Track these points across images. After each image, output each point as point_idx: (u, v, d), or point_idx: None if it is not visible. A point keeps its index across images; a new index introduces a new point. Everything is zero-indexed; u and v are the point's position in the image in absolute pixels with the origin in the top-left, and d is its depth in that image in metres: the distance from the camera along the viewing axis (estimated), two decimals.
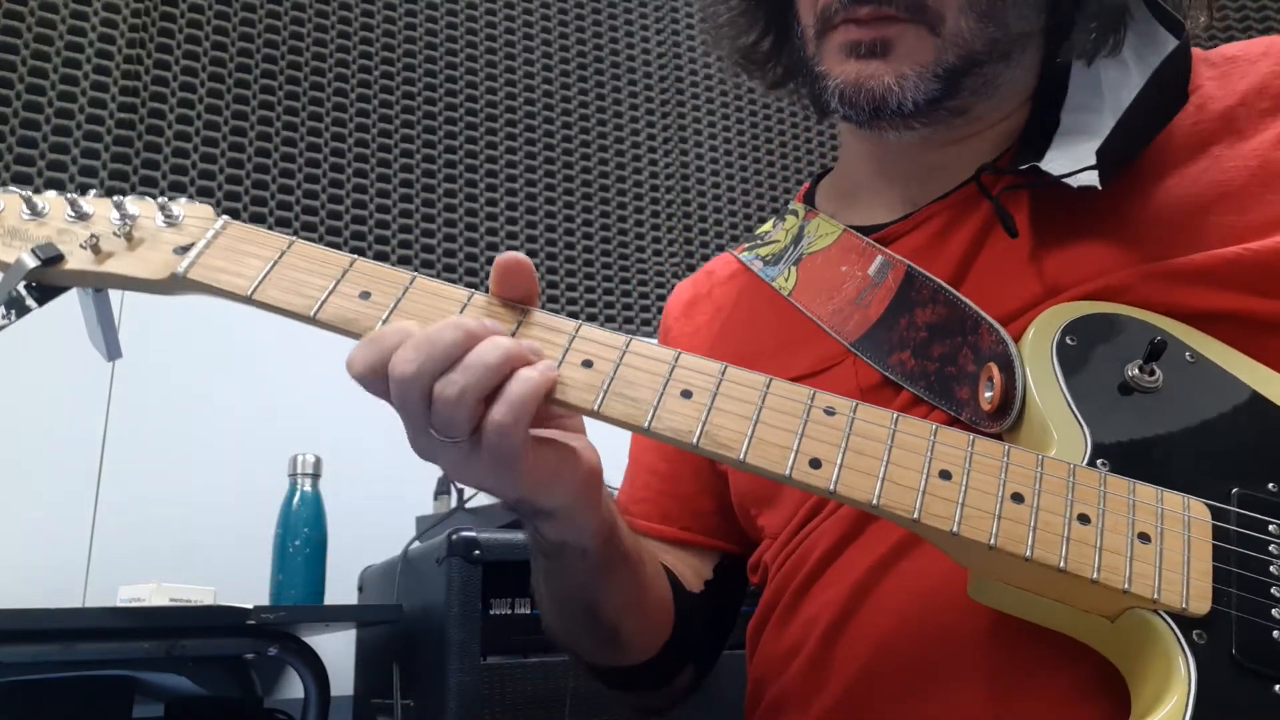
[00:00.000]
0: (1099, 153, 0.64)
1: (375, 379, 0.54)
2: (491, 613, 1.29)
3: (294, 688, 1.47)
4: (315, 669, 1.34)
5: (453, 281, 2.33)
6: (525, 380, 0.52)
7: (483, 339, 0.53)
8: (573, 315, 2.44)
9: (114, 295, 0.66)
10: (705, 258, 2.46)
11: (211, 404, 1.78)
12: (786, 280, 0.81)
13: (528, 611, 1.32)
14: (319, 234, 2.03)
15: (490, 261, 2.20)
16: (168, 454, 1.73)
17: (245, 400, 1.79)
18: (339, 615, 1.43)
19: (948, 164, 0.75)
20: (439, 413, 0.52)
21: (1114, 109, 0.67)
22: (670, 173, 2.47)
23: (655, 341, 0.94)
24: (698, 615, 0.81)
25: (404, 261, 2.10)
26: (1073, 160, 0.65)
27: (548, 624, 0.79)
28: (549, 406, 0.56)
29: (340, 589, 1.61)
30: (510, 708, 1.25)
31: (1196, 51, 0.73)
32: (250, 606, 1.22)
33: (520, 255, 0.58)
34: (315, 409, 1.77)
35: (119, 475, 1.69)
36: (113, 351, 0.66)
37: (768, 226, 0.90)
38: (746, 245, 0.89)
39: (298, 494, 1.51)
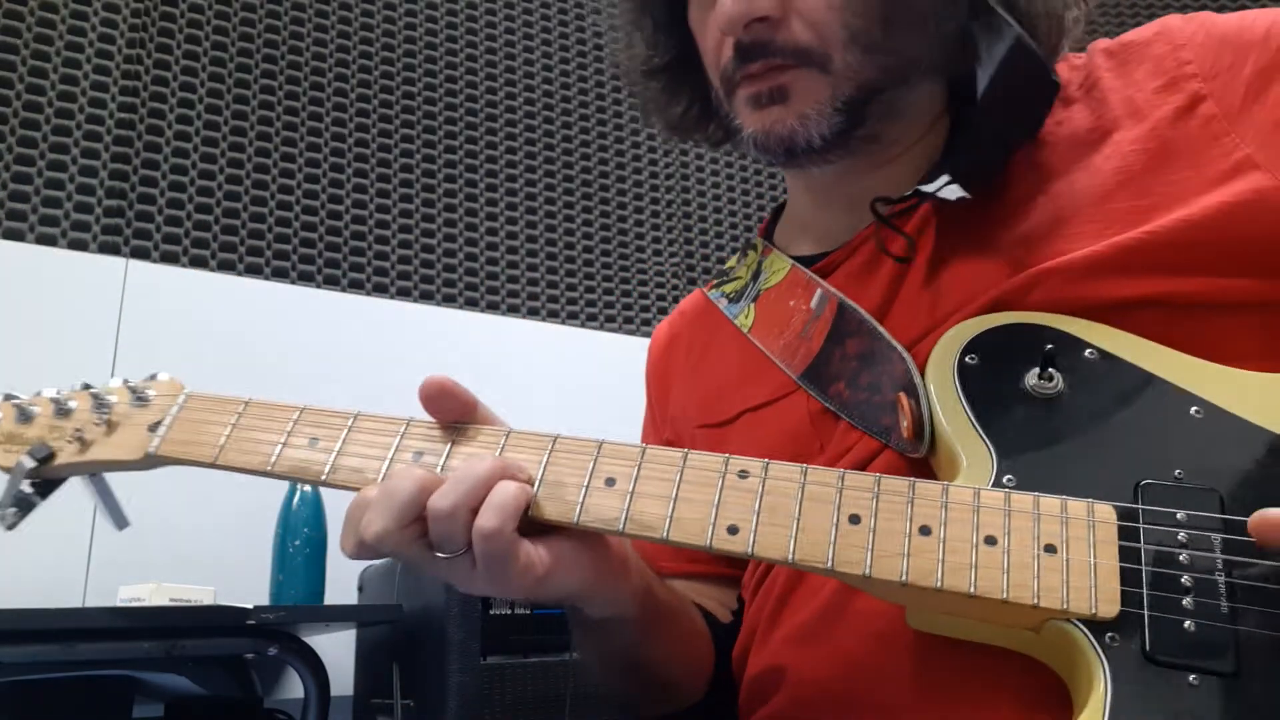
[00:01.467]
0: (949, 169, 0.66)
1: (366, 551, 0.57)
2: (491, 613, 1.29)
3: (294, 688, 1.47)
4: (315, 669, 1.34)
5: (452, 283, 2.33)
6: (506, 489, 0.55)
7: (438, 483, 0.55)
8: (573, 316, 2.44)
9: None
10: (705, 258, 2.46)
11: None
12: (746, 318, 0.83)
13: (528, 611, 1.33)
14: (319, 234, 2.04)
15: (490, 262, 2.21)
16: None
17: None
18: (339, 615, 1.43)
19: (876, 189, 0.76)
20: (434, 529, 0.55)
21: None
22: (670, 173, 2.47)
23: (650, 339, 0.97)
24: (731, 646, 0.81)
25: (404, 261, 2.10)
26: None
27: (599, 682, 0.80)
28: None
29: (340, 589, 1.61)
30: (510, 708, 1.25)
31: (1100, 43, 0.74)
32: (250, 606, 1.22)
33: (440, 379, 0.61)
34: None
35: (119, 475, 1.69)
36: (120, 523, 0.72)
37: (732, 262, 0.94)
38: (715, 282, 0.93)
39: (298, 494, 1.52)
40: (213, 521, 1.69)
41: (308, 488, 1.52)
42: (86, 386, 0.71)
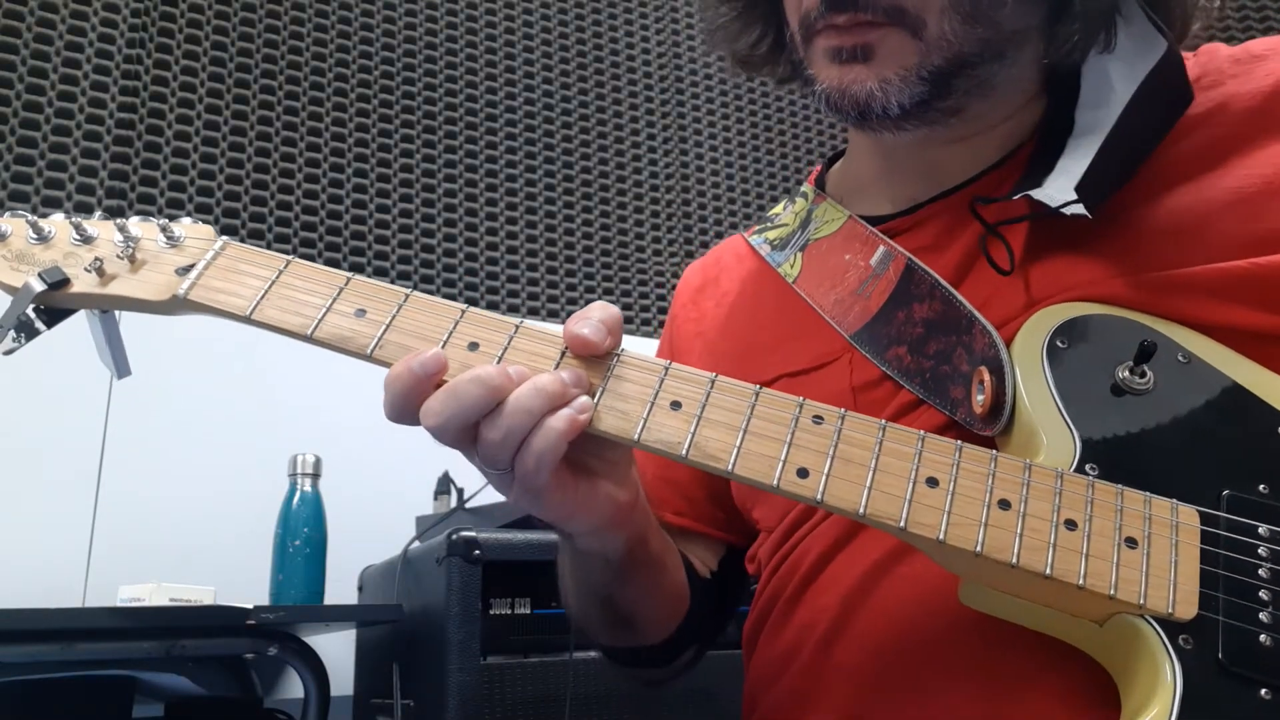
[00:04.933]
0: (1078, 188, 0.62)
1: (408, 419, 0.56)
2: (491, 613, 1.29)
3: (294, 688, 1.47)
4: (315, 669, 1.33)
5: (452, 282, 2.32)
6: (550, 431, 0.54)
7: (508, 389, 0.54)
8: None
9: None
10: None
11: (212, 403, 1.78)
12: (792, 267, 0.80)
13: (528, 611, 1.32)
14: (319, 234, 2.03)
15: (490, 262, 2.20)
16: (168, 453, 1.73)
17: (245, 400, 1.79)
18: (339, 615, 1.42)
19: (952, 162, 0.74)
20: (484, 450, 0.55)
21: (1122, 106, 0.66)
22: (670, 173, 2.47)
23: (658, 339, 0.95)
24: (706, 601, 0.82)
25: (404, 261, 2.10)
26: (1073, 179, 0.64)
27: (565, 601, 0.81)
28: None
29: (340, 589, 1.61)
30: (510, 708, 1.25)
31: (1221, 48, 0.71)
32: (250, 606, 1.22)
33: (586, 335, 0.58)
34: (315, 409, 1.78)
35: (119, 475, 1.69)
36: (122, 370, 0.67)
37: (778, 209, 0.90)
38: (757, 228, 0.89)
39: (298, 494, 1.51)
40: (213, 521, 1.69)
41: (308, 487, 1.52)
42: (109, 216, 0.66)
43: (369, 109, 2.15)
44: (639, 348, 0.92)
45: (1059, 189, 0.64)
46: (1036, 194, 0.64)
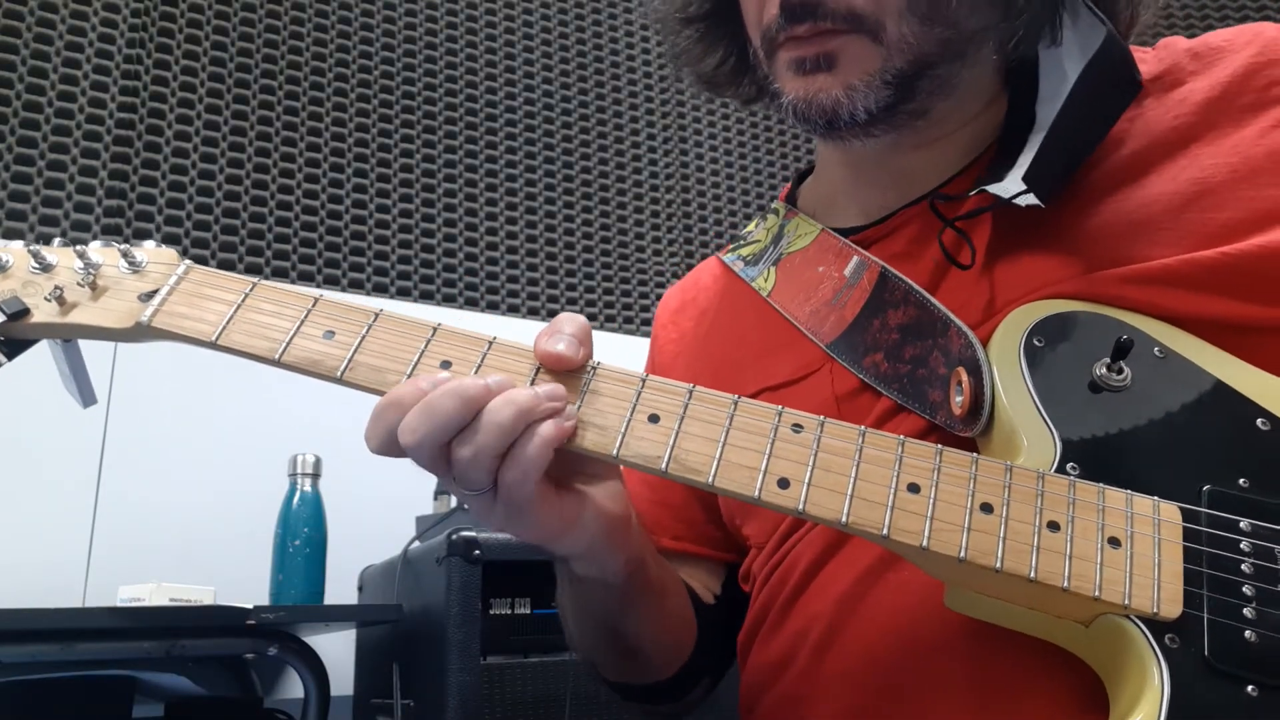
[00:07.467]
0: (1026, 178, 0.62)
1: (393, 448, 0.55)
2: (491, 612, 1.29)
3: (294, 688, 1.47)
4: (315, 669, 1.33)
5: (452, 282, 2.32)
6: (535, 439, 0.53)
7: (486, 401, 0.53)
8: None
9: None
10: (705, 258, 2.45)
11: (212, 404, 1.78)
12: (766, 281, 0.80)
13: (527, 611, 1.32)
14: (319, 234, 2.04)
15: (490, 262, 2.20)
16: (168, 453, 1.73)
17: (245, 400, 1.79)
18: (339, 615, 1.42)
19: (920, 169, 0.74)
20: (457, 470, 0.54)
21: None
22: (670, 173, 2.47)
23: (659, 302, 0.95)
24: (712, 629, 0.81)
25: (404, 261, 2.10)
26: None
27: (571, 638, 0.79)
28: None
29: (340, 589, 1.61)
30: (510, 708, 1.25)
31: (1180, 41, 0.72)
32: (250, 606, 1.22)
33: (558, 352, 0.57)
34: (315, 409, 1.77)
35: (119, 475, 1.69)
36: (87, 399, 0.66)
37: (751, 226, 0.90)
38: (731, 247, 0.89)
39: (298, 494, 1.51)
40: (213, 521, 1.69)
41: (308, 487, 1.52)
42: (68, 243, 0.64)
43: (369, 109, 2.15)
44: (638, 349, 0.93)
45: (1014, 182, 0.64)
46: (992, 188, 0.65)
